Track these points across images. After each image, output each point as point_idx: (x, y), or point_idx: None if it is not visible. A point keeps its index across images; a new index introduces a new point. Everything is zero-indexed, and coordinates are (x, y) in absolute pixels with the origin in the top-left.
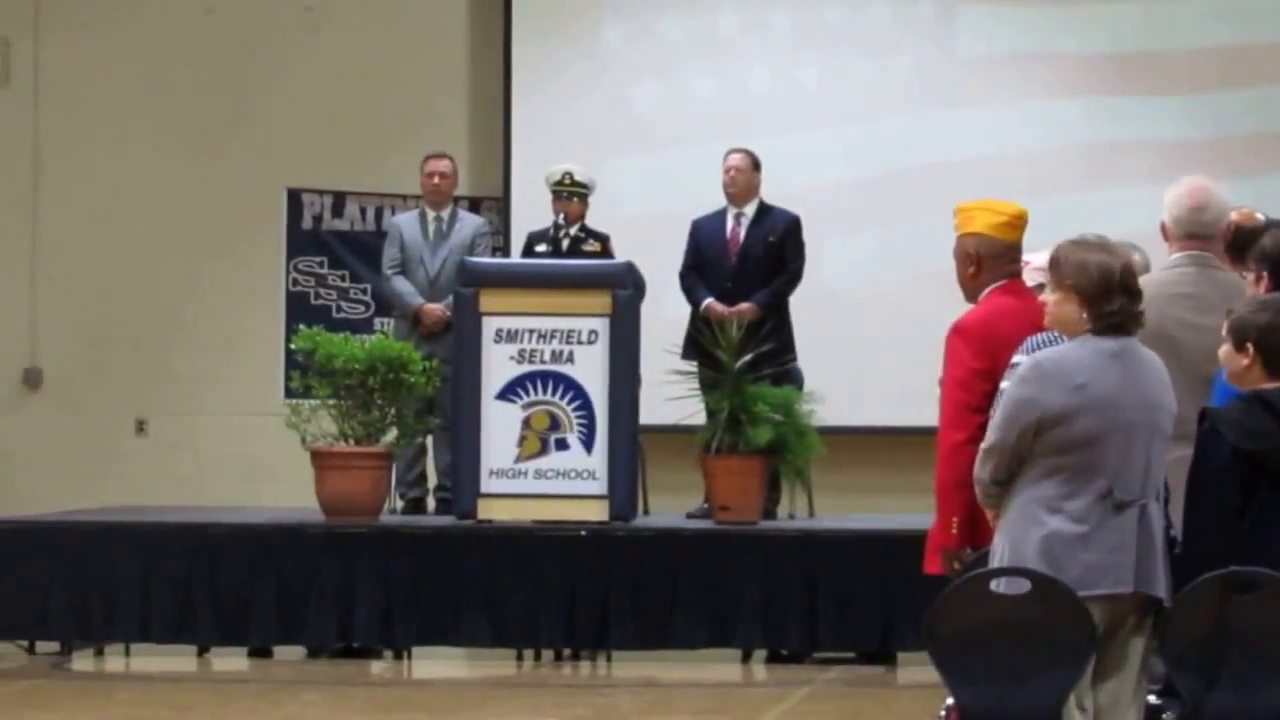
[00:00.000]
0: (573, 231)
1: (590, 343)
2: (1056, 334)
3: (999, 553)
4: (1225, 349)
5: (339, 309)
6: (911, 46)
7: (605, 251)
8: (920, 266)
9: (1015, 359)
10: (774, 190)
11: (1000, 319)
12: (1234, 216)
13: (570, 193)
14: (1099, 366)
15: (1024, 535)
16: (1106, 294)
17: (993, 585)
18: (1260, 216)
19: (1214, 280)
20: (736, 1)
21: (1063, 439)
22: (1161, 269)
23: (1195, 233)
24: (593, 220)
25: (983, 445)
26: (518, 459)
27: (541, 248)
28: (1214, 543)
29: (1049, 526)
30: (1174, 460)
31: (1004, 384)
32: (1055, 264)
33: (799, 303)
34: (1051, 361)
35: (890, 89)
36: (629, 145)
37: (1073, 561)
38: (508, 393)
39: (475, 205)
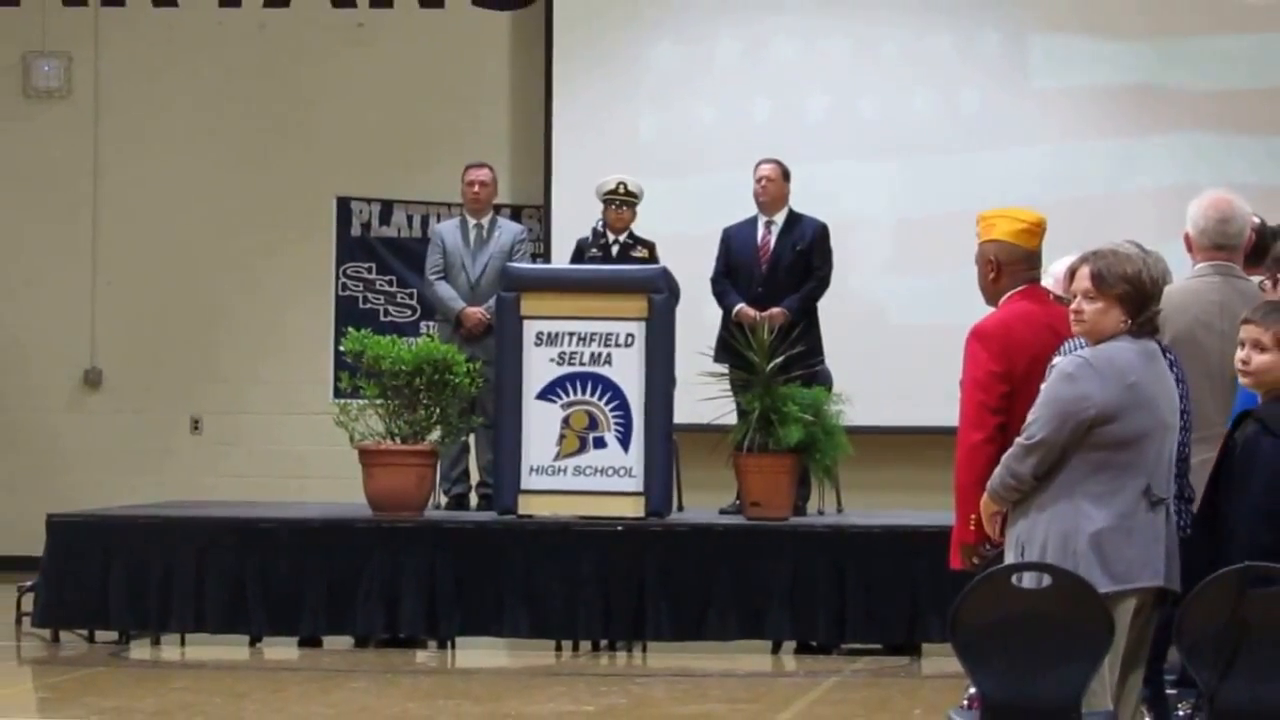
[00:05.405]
0: (621, 238)
1: (627, 345)
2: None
3: (1041, 544)
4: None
5: (386, 313)
6: (978, 78)
7: (652, 257)
8: (944, 271)
9: (1057, 360)
10: (803, 204)
11: (1019, 323)
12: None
13: (622, 201)
14: (1142, 367)
15: (1075, 528)
16: (1149, 300)
17: (1014, 579)
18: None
19: (1237, 289)
20: (782, 17)
21: (1112, 436)
22: (1188, 278)
23: (1220, 243)
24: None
25: (1023, 441)
26: (557, 456)
27: (592, 254)
28: (1267, 540)
29: (1098, 521)
30: (1199, 463)
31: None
32: (1099, 278)
33: (827, 307)
34: (1103, 360)
35: (941, 119)
36: (667, 154)
37: (1118, 555)
38: (548, 393)
39: (517, 213)
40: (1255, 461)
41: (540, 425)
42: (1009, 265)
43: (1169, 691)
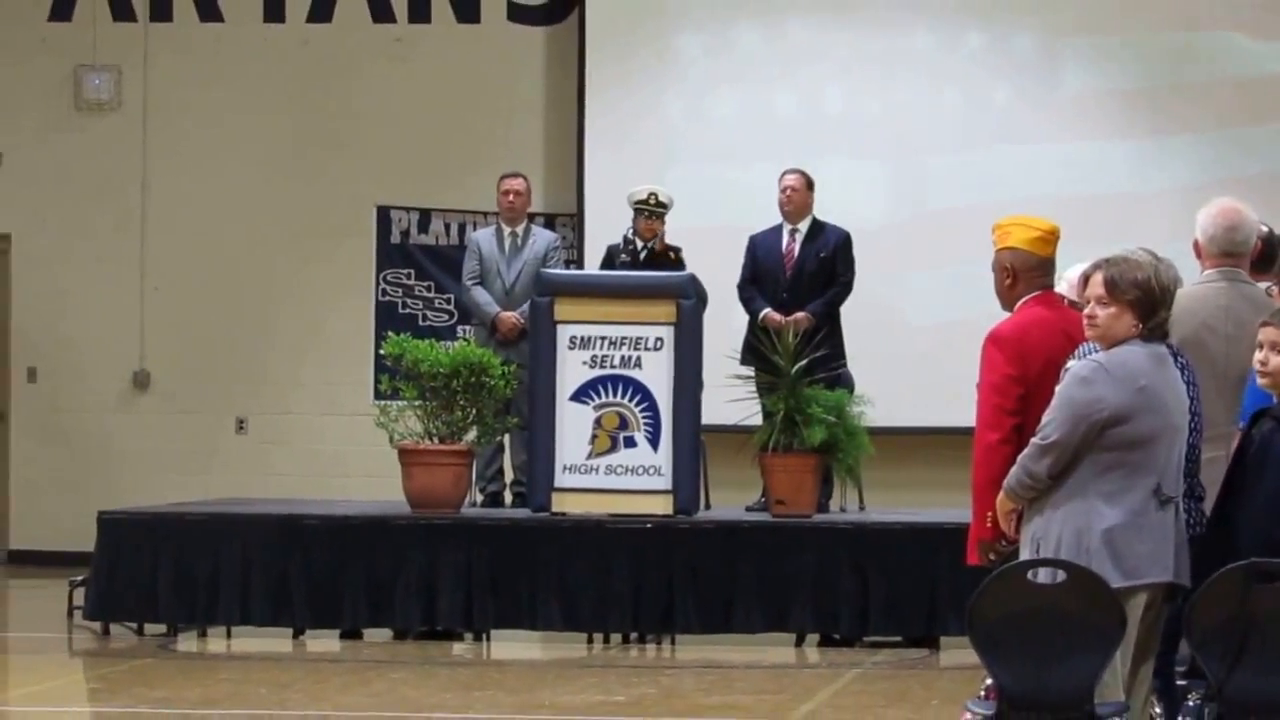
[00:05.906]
0: (651, 245)
1: (657, 349)
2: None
3: (1055, 541)
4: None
5: (425, 317)
6: (1007, 79)
7: (679, 262)
8: (962, 274)
9: (1071, 364)
10: (825, 210)
11: (1034, 328)
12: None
13: (652, 211)
14: (1153, 370)
15: (1087, 526)
16: (1159, 306)
17: (1029, 575)
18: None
19: (1244, 294)
20: (814, 26)
21: (1124, 437)
22: (1196, 284)
23: (1229, 251)
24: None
25: (1038, 442)
26: (589, 456)
27: (622, 260)
28: (1277, 536)
29: (1110, 519)
30: (1205, 461)
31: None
32: (1112, 284)
33: (849, 311)
34: (1116, 363)
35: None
36: (696, 164)
37: (1130, 551)
38: (580, 395)
39: (551, 221)
40: (1269, 458)
41: (573, 426)
42: (1024, 272)
43: (1179, 682)
